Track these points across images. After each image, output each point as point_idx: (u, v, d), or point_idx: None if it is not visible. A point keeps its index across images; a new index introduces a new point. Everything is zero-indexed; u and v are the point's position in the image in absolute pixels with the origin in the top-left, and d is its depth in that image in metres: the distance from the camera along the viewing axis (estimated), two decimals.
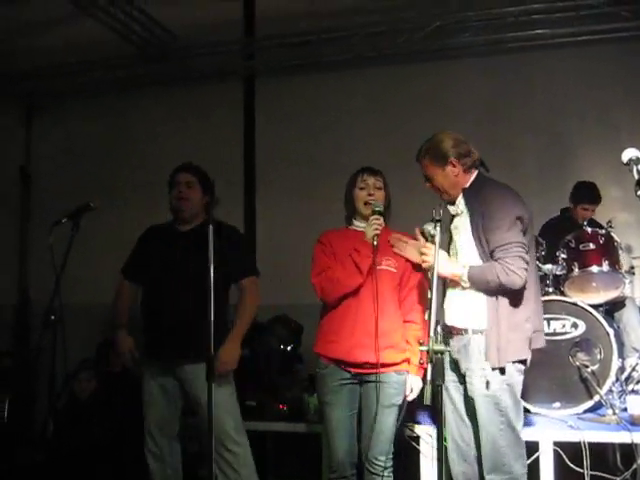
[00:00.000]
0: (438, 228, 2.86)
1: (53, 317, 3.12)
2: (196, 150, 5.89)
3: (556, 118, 5.42)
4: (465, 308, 3.06)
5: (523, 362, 3.03)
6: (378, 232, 3.23)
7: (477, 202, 3.03)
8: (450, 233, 3.21)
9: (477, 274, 2.95)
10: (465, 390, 3.09)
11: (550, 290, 4.24)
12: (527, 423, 3.75)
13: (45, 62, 6.04)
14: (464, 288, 3.03)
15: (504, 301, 2.96)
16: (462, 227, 3.09)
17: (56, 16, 5.80)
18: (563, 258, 4.25)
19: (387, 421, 3.25)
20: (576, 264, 4.17)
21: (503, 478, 2.98)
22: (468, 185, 3.12)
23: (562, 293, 4.24)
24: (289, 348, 4.70)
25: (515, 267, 2.88)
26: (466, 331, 3.04)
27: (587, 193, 4.95)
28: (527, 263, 2.92)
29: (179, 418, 3.67)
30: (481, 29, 5.32)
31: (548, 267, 4.25)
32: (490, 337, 2.96)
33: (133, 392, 4.82)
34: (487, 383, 2.95)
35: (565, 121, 5.41)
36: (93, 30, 5.57)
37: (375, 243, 3.22)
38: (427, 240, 3.08)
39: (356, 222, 3.42)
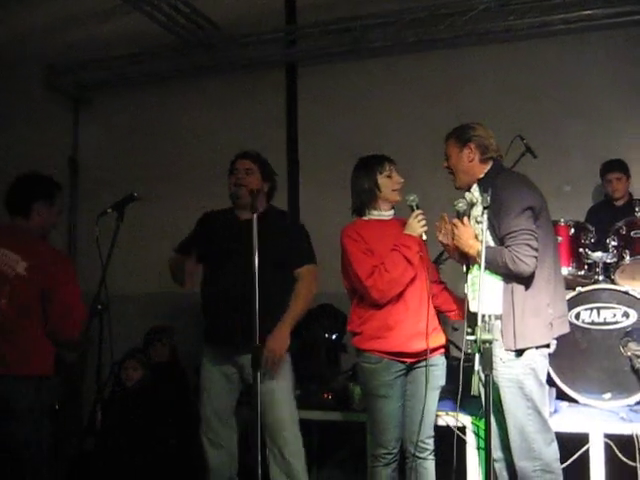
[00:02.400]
0: (485, 215, 2.83)
1: (100, 307, 3.15)
2: (239, 139, 5.90)
3: (601, 101, 5.27)
4: (485, 294, 2.99)
5: (546, 346, 3.05)
6: (426, 228, 3.24)
7: (492, 189, 3.01)
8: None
9: (490, 254, 2.93)
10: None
11: (600, 278, 4.14)
12: (576, 414, 3.71)
13: (92, 54, 6.15)
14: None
15: (519, 286, 2.99)
16: (478, 217, 3.08)
17: (102, 9, 5.91)
18: (613, 245, 4.14)
19: (433, 404, 3.32)
20: (627, 252, 4.07)
21: (535, 465, 2.97)
22: (483, 175, 3.16)
23: (612, 281, 4.13)
24: (334, 337, 4.70)
25: (522, 255, 2.90)
26: (489, 317, 2.96)
27: (609, 162, 4.93)
28: (536, 250, 2.92)
29: (236, 405, 3.68)
30: (526, 12, 5.21)
31: (598, 255, 4.13)
32: (506, 321, 2.98)
33: (180, 381, 4.92)
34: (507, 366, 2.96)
35: (610, 104, 5.25)
36: (138, 22, 5.65)
37: (425, 238, 3.24)
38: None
39: (380, 212, 3.40)
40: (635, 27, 5.18)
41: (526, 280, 2.98)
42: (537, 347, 3.00)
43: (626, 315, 3.88)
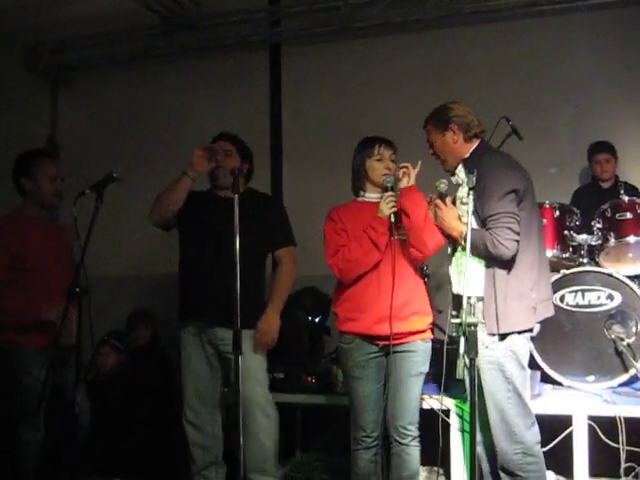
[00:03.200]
0: (472, 196, 2.79)
1: (78, 289, 3.10)
2: (221, 121, 5.82)
3: (588, 82, 5.26)
4: (468, 276, 2.97)
5: (529, 330, 3.03)
6: (395, 209, 3.18)
7: (476, 170, 2.95)
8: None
9: (474, 235, 2.89)
10: None
11: (585, 261, 4.13)
12: (560, 396, 3.71)
13: (70, 34, 6.06)
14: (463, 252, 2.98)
15: (501, 270, 2.96)
16: (464, 198, 3.04)
17: None
18: (598, 228, 4.14)
19: (415, 390, 3.27)
20: (612, 234, 4.06)
21: (515, 448, 2.96)
22: (468, 155, 3.11)
23: (597, 264, 4.13)
24: (317, 320, 4.66)
25: (502, 238, 2.87)
26: (470, 299, 2.95)
27: (595, 144, 4.94)
28: (517, 234, 2.89)
29: (220, 386, 3.64)
30: None
31: (583, 237, 4.13)
32: (488, 305, 2.96)
33: (162, 363, 4.87)
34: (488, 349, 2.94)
35: (597, 85, 5.24)
36: (119, 2, 5.52)
37: (393, 220, 3.18)
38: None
39: (367, 194, 3.38)
40: (622, 8, 5.15)
41: (508, 264, 2.95)
42: (519, 331, 2.98)
43: (610, 298, 3.89)
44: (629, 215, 4.03)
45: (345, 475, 3.78)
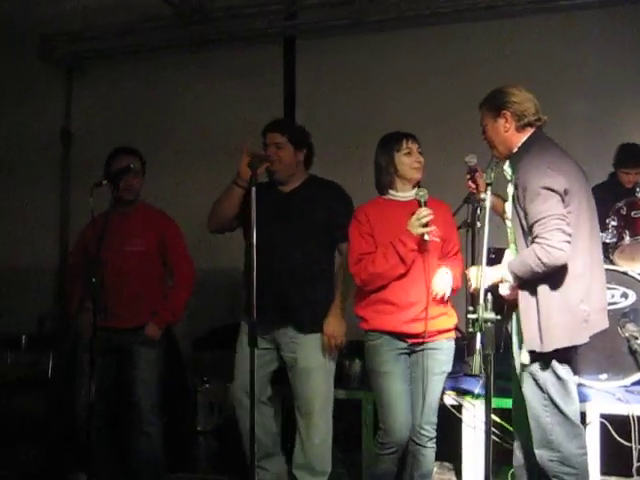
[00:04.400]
0: (489, 192, 2.75)
1: (94, 280, 3.11)
2: (234, 113, 5.86)
3: (605, 81, 5.23)
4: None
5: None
6: (428, 229, 3.06)
7: (518, 171, 2.83)
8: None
9: (517, 266, 2.76)
10: None
11: None
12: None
13: (85, 24, 6.05)
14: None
15: (542, 281, 2.74)
16: (509, 195, 2.93)
17: None
18: (613, 225, 4.12)
19: (437, 390, 3.23)
20: (627, 232, 4.04)
21: (552, 455, 2.83)
22: (518, 146, 2.92)
23: (611, 262, 4.11)
24: None
25: (555, 242, 2.65)
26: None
27: (627, 156, 4.77)
28: (569, 235, 2.68)
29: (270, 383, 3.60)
30: None
31: None
32: (527, 319, 2.78)
33: (172, 356, 4.87)
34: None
35: (614, 84, 5.21)
36: None
37: (427, 238, 3.06)
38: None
39: (392, 191, 3.29)
40: (636, 3, 5.12)
41: (551, 276, 2.73)
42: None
43: (625, 296, 3.86)
44: None
45: (360, 469, 3.80)
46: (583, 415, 3.45)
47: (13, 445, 4.43)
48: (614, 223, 4.12)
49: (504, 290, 2.90)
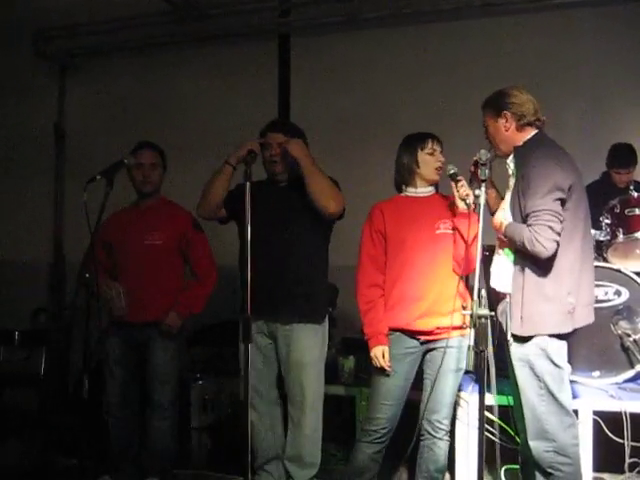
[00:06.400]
0: (483, 189, 2.78)
1: (87, 275, 3.10)
2: (229, 108, 5.85)
3: (599, 79, 5.24)
4: (503, 272, 2.99)
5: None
6: (471, 199, 3.06)
7: (523, 165, 2.91)
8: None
9: (511, 230, 2.88)
10: None
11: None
12: None
13: (79, 20, 6.02)
14: (501, 249, 2.97)
15: (532, 270, 2.87)
16: (511, 188, 2.99)
17: None
18: (607, 223, 4.13)
19: (453, 385, 3.26)
20: (621, 230, 4.04)
21: (547, 446, 2.88)
22: (521, 144, 3.00)
23: (605, 259, 4.12)
24: None
25: (542, 237, 2.76)
26: (505, 295, 2.96)
27: (619, 156, 4.82)
28: (558, 234, 2.78)
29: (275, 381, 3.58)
30: None
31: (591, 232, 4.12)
32: (514, 304, 2.88)
33: None
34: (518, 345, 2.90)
35: (608, 83, 5.22)
36: None
37: (470, 202, 3.07)
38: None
39: (411, 188, 3.31)
40: (633, 2, 5.13)
41: (544, 264, 2.84)
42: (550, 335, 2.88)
43: (618, 293, 3.87)
44: (638, 211, 4.01)
45: None
46: (576, 412, 3.44)
47: (5, 440, 4.42)
48: (608, 221, 4.13)
49: (497, 283, 2.92)
